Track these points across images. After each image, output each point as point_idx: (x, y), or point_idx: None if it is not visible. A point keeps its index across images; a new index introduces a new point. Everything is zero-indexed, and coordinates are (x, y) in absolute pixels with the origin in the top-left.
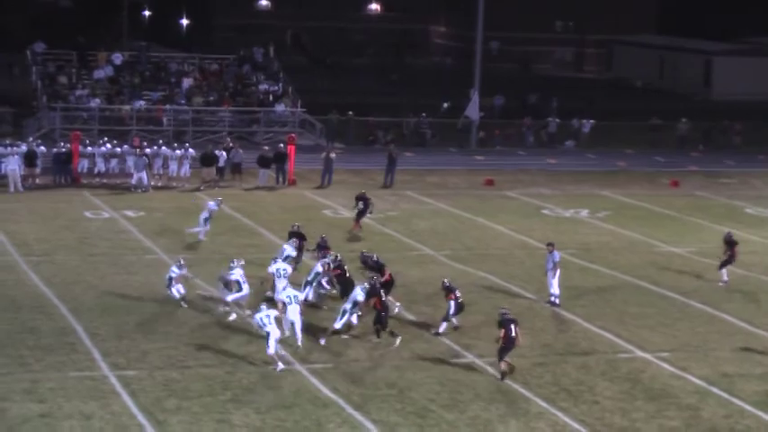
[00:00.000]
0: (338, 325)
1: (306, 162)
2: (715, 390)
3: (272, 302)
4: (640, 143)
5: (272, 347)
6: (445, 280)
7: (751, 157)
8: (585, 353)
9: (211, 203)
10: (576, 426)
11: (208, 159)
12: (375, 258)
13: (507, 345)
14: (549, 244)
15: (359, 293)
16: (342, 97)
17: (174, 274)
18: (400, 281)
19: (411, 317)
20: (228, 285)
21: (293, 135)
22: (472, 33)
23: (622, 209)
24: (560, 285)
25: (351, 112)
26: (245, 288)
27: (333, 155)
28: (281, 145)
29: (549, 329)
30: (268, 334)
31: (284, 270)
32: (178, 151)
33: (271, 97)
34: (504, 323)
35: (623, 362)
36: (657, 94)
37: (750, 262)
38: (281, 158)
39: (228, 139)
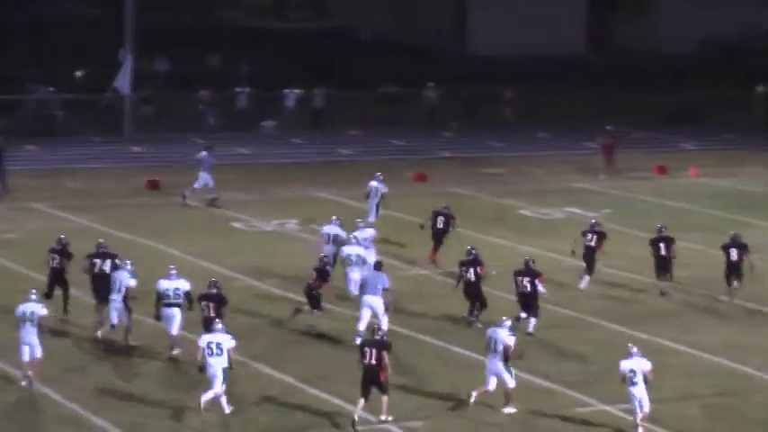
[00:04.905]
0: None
1: None
2: None
3: None
4: (371, 120)
5: None
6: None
7: (527, 136)
8: (308, 426)
9: None
10: None
11: None
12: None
13: None
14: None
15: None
16: None
17: None
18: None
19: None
20: None
21: None
22: None
23: (348, 216)
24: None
25: None
26: None
27: None
28: None
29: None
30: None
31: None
32: None
33: None
34: None
35: None
36: (392, 49)
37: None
38: None
39: None
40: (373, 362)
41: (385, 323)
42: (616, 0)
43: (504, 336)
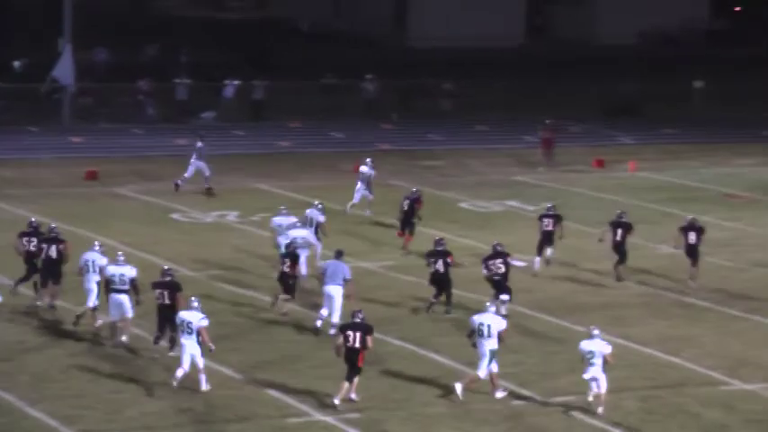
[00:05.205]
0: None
1: None
2: None
3: None
4: (310, 112)
5: None
6: None
7: (465, 128)
8: (245, 418)
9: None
10: None
11: None
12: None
13: None
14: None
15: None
16: None
17: None
18: None
19: None
20: None
21: None
22: None
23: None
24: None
25: None
26: None
27: None
28: None
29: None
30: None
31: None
32: None
33: None
34: None
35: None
36: (332, 39)
37: (465, 277)
38: None
39: None
40: (357, 345)
41: (337, 317)
42: None
43: (497, 321)
